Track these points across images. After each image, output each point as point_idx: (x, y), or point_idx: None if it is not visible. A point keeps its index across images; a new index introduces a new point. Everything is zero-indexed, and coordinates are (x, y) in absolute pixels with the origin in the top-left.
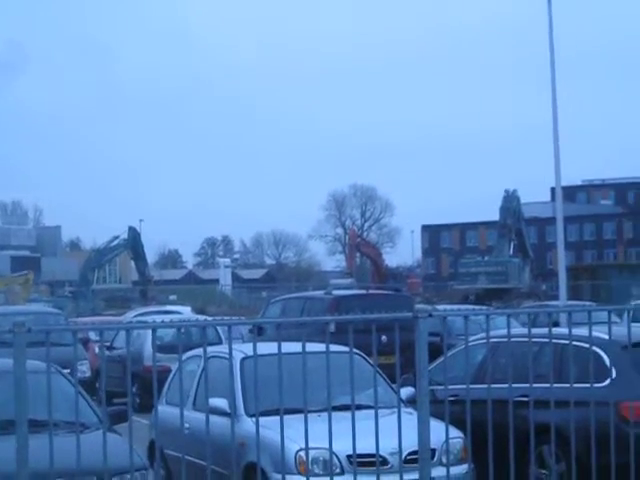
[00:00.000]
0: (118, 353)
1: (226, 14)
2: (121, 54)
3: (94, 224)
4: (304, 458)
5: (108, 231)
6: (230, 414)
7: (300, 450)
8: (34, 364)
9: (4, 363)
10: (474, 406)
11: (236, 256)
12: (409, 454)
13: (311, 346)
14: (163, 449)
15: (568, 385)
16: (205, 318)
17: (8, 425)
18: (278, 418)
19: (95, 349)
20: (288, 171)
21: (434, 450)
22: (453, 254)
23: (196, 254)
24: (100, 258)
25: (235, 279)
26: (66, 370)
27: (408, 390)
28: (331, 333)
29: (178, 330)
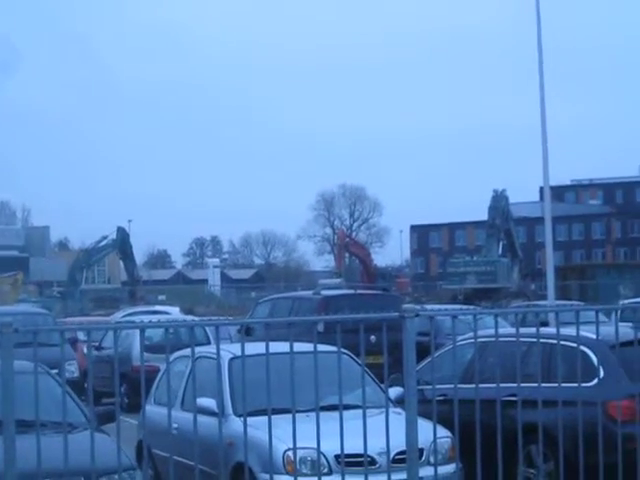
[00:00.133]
0: (107, 353)
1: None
2: (110, 51)
3: (83, 224)
4: (292, 458)
5: (97, 231)
6: (218, 414)
7: (288, 450)
8: (22, 364)
9: None
10: (462, 406)
11: (225, 256)
12: (397, 454)
13: (299, 346)
14: (151, 449)
15: (556, 385)
16: (192, 318)
17: None
18: (266, 418)
19: (83, 349)
20: (277, 171)
21: (422, 450)
22: (442, 254)
23: (185, 254)
24: (89, 258)
25: (224, 279)
26: (54, 370)
27: (396, 390)
28: (320, 333)
29: (166, 330)
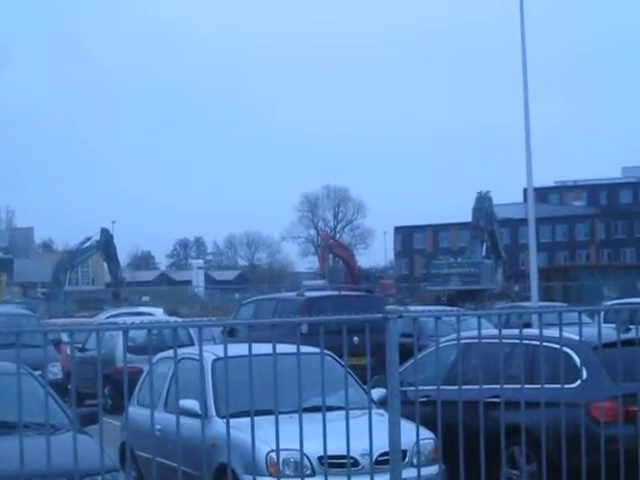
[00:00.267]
0: (90, 355)
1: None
2: (96, 50)
3: (66, 225)
4: (275, 459)
5: (81, 233)
6: (201, 415)
7: (271, 451)
8: (5, 366)
9: None
10: (445, 407)
11: (209, 257)
12: (380, 455)
13: (282, 347)
14: (134, 450)
15: (539, 386)
16: (176, 320)
17: None
18: (249, 419)
19: (67, 351)
20: (261, 172)
21: (405, 451)
22: (426, 255)
23: (169, 255)
24: (72, 260)
25: (208, 280)
26: (37, 372)
27: (379, 391)
28: (303, 334)
29: (149, 332)
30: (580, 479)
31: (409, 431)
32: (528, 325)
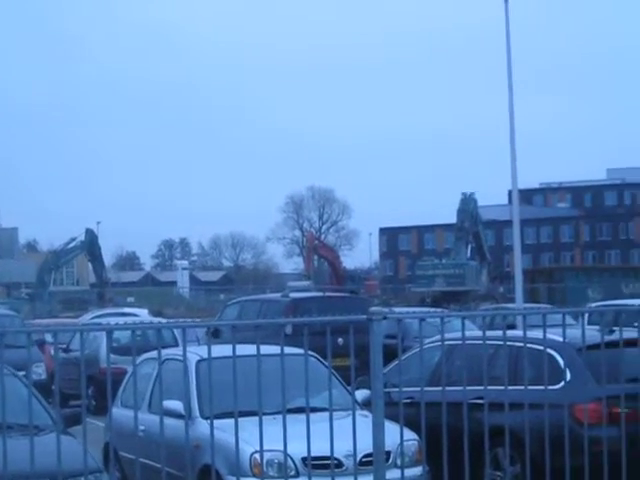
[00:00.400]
0: (74, 355)
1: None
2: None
3: (51, 226)
4: (259, 460)
5: (65, 233)
6: (185, 416)
7: (255, 452)
8: None
9: None
10: (429, 408)
11: (194, 258)
12: (364, 456)
13: (266, 348)
14: (118, 451)
15: (523, 387)
16: (160, 320)
17: None
18: (233, 420)
19: (51, 351)
20: (246, 173)
21: (389, 452)
22: (411, 256)
23: (154, 256)
24: (57, 260)
25: (193, 281)
26: (21, 372)
27: (363, 392)
28: (287, 335)
29: (133, 332)
30: None
31: (393, 432)
32: (512, 326)
